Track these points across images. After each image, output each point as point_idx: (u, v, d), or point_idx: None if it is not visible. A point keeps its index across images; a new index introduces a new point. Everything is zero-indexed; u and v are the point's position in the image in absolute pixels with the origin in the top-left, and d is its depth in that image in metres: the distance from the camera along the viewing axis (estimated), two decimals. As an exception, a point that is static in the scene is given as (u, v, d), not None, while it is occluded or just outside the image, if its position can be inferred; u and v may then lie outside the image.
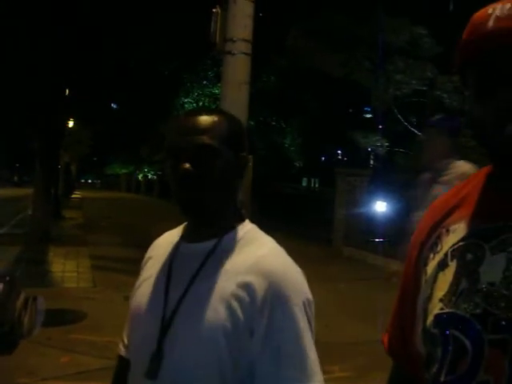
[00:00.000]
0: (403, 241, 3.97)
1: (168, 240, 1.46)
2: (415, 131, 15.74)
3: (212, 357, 1.21)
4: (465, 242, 0.97)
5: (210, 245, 1.32)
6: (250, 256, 1.28)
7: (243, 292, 1.22)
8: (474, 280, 0.92)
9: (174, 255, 1.38)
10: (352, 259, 12.34)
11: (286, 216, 17.05)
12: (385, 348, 1.23)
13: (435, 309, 0.96)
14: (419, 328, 1.02)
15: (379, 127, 17.93)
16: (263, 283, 1.22)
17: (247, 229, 1.37)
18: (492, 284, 0.89)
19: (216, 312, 1.22)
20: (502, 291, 0.88)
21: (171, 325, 1.27)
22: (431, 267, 1.02)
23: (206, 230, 1.34)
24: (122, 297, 7.19)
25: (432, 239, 1.05)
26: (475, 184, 1.06)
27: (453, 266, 0.97)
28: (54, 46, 12.40)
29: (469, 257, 0.95)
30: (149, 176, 46.85)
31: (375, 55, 14.47)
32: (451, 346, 0.90)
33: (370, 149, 17.69)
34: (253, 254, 1.29)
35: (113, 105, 38.50)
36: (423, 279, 1.04)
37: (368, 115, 22.55)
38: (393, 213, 13.23)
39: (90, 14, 12.93)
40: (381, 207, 13.57)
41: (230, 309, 1.22)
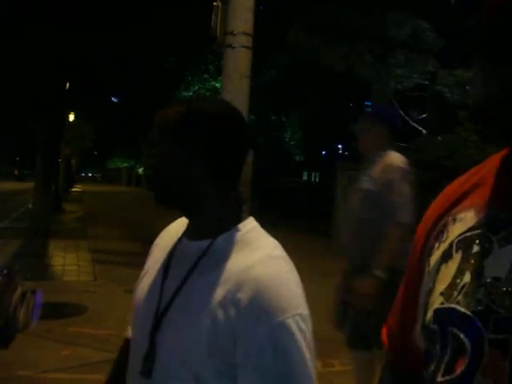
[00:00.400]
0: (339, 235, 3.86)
1: (176, 229, 1.41)
2: (416, 126, 15.72)
3: (193, 362, 1.16)
4: (472, 233, 0.89)
5: (204, 245, 1.26)
6: (242, 262, 1.19)
7: (229, 302, 1.14)
8: (478, 274, 0.84)
9: (174, 250, 1.34)
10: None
11: (287, 210, 17.06)
12: (383, 341, 1.16)
13: (435, 303, 0.89)
14: (419, 323, 0.96)
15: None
16: (249, 294, 1.13)
17: (245, 230, 1.27)
18: (497, 279, 0.82)
19: (199, 322, 1.16)
20: (508, 287, 0.80)
21: (162, 322, 1.24)
22: (435, 258, 0.95)
23: (200, 229, 1.29)
24: (123, 290, 7.21)
25: (438, 228, 0.98)
26: (488, 170, 0.98)
27: (457, 258, 0.89)
28: (55, 41, 12.37)
29: (475, 249, 0.87)
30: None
31: (377, 49, 14.43)
32: (450, 344, 0.84)
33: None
34: (244, 260, 1.19)
35: (113, 99, 38.47)
36: (426, 271, 0.97)
37: (369, 109, 22.51)
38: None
39: (90, 9, 12.90)
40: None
41: (215, 318, 1.14)
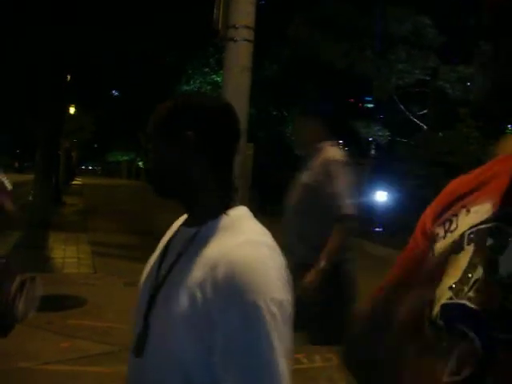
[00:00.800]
0: None
1: (180, 221, 1.47)
2: (417, 121, 15.71)
3: (175, 342, 1.20)
4: (487, 225, 0.84)
5: (193, 231, 1.31)
6: (223, 245, 1.23)
7: (206, 283, 1.17)
8: (492, 269, 0.79)
9: (173, 238, 1.40)
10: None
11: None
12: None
13: (443, 297, 0.84)
14: (425, 314, 0.89)
15: (380, 117, 17.89)
16: (224, 276, 1.16)
17: (233, 216, 1.31)
18: None
19: (179, 300, 1.20)
20: None
21: (154, 305, 1.29)
22: (441, 247, 0.90)
23: (193, 217, 1.36)
24: (122, 283, 7.24)
25: (446, 215, 0.93)
26: (500, 162, 0.94)
27: (469, 251, 0.84)
28: (55, 38, 12.36)
29: (489, 242, 0.81)
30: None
31: (377, 45, 14.42)
32: (457, 343, 0.78)
33: (371, 138, 17.66)
34: (225, 244, 1.23)
35: (114, 92, 38.41)
36: (430, 259, 0.92)
37: (369, 105, 22.48)
38: (393, 202, 13.25)
39: (90, 8, 12.88)
40: (381, 197, 13.59)
41: (193, 299, 1.18)
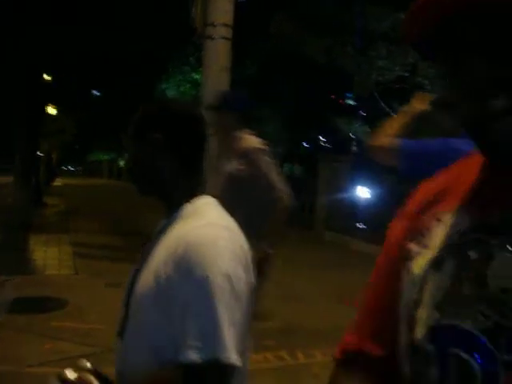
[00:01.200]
0: None
1: None
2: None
3: (145, 321, 1.38)
4: (465, 237, 0.79)
5: (164, 223, 1.50)
6: (184, 228, 1.39)
7: (169, 263, 1.32)
8: (481, 285, 0.74)
9: (156, 231, 1.55)
10: (334, 244, 12.41)
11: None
12: (337, 355, 1.03)
13: (429, 319, 0.78)
14: (402, 338, 0.85)
15: (361, 113, 17.97)
16: (182, 254, 1.31)
17: (197, 204, 1.48)
18: (505, 290, 0.72)
19: (148, 283, 1.36)
20: None
21: (131, 292, 1.46)
22: (419, 264, 0.84)
23: (167, 210, 1.53)
24: (104, 284, 7.18)
25: (418, 229, 0.88)
26: (472, 166, 0.89)
27: (450, 266, 0.79)
28: (31, 33, 12.23)
29: (472, 255, 0.77)
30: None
31: (358, 41, 14.46)
32: (453, 369, 0.74)
33: (352, 135, 17.72)
34: (186, 227, 1.39)
35: (95, 92, 38.15)
36: (407, 278, 0.86)
37: (350, 101, 22.56)
38: (374, 198, 13.31)
39: (67, 9, 12.77)
40: (362, 193, 13.65)
41: (158, 279, 1.34)
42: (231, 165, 3.75)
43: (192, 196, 1.50)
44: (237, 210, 3.63)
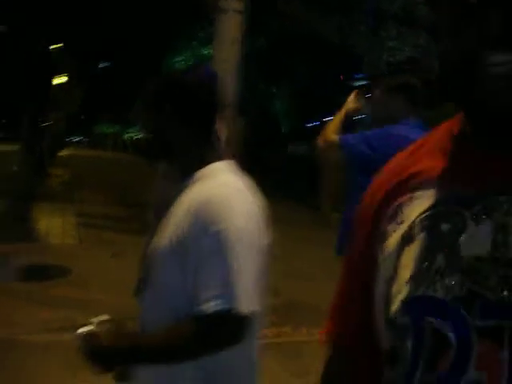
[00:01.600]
0: None
1: None
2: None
3: (161, 277, 1.48)
4: (437, 210, 0.81)
5: (178, 186, 1.57)
6: (199, 189, 1.48)
7: (186, 220, 1.42)
8: (454, 255, 0.75)
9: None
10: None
11: (275, 182, 17.10)
12: (325, 335, 1.04)
13: (402, 292, 0.79)
14: (380, 316, 0.85)
15: (369, 95, 17.85)
16: (199, 212, 1.40)
17: (211, 168, 1.55)
18: (478, 258, 0.74)
19: (165, 243, 1.46)
20: (493, 267, 0.72)
21: (151, 251, 1.54)
22: (392, 242, 0.85)
23: (178, 174, 1.60)
24: (108, 254, 7.21)
25: (391, 209, 0.88)
26: (437, 142, 0.90)
27: (422, 240, 0.80)
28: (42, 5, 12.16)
29: (444, 227, 0.78)
30: (136, 136, 46.53)
31: (370, 21, 14.32)
32: (428, 338, 0.75)
33: (359, 116, 17.63)
34: (201, 187, 1.48)
35: (103, 63, 38.00)
36: (380, 258, 0.87)
37: (359, 82, 22.41)
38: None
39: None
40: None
41: (176, 234, 1.43)
42: None
43: (205, 162, 1.56)
44: None
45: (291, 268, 7.07)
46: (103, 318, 1.54)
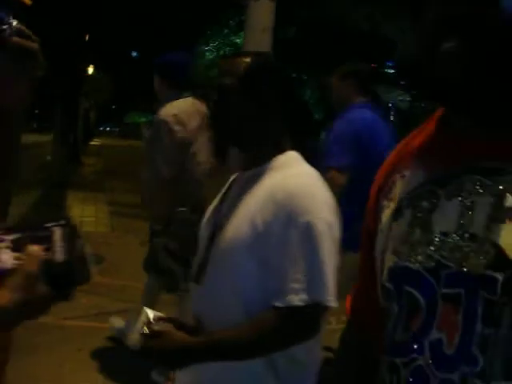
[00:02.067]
0: None
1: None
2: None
3: (233, 266, 1.41)
4: (420, 189, 0.89)
5: (251, 173, 1.52)
6: (277, 178, 1.44)
7: (267, 209, 1.37)
8: (427, 230, 0.85)
9: (232, 182, 1.62)
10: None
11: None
12: (346, 310, 1.15)
13: (389, 262, 0.90)
14: (378, 283, 0.95)
15: (401, 82, 17.67)
16: (284, 202, 1.36)
17: (285, 158, 1.50)
18: (445, 234, 0.82)
19: (242, 228, 1.40)
20: (457, 241, 0.80)
21: (214, 239, 1.50)
22: (386, 216, 0.95)
23: (251, 161, 1.55)
24: (138, 242, 7.27)
25: (388, 186, 0.98)
26: (428, 127, 0.98)
27: (407, 215, 0.89)
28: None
29: (424, 204, 0.87)
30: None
31: (402, 8, 14.14)
32: (405, 302, 0.85)
33: (391, 104, 17.48)
34: (280, 176, 1.44)
35: (133, 53, 38.19)
36: (379, 228, 0.97)
37: (390, 70, 22.17)
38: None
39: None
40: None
41: (255, 225, 1.37)
42: (149, 130, 3.89)
43: (280, 150, 1.52)
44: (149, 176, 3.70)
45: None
46: (156, 315, 1.47)
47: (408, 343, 0.83)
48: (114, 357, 4.04)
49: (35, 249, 0.92)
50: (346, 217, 3.39)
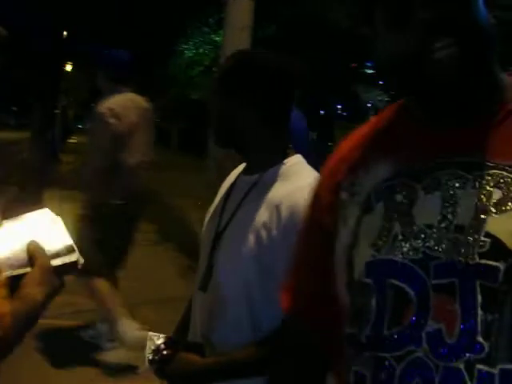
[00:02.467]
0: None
1: (238, 170, 1.63)
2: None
3: (240, 277, 1.40)
4: (391, 182, 0.90)
5: (255, 178, 1.48)
6: (284, 189, 1.41)
7: (272, 223, 1.36)
8: (409, 223, 0.86)
9: (233, 185, 1.57)
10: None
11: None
12: (284, 309, 1.12)
13: (365, 256, 0.89)
14: (342, 279, 0.94)
15: (380, 82, 17.81)
16: (291, 217, 1.34)
17: (290, 164, 1.47)
18: (429, 226, 0.84)
19: (247, 240, 1.39)
20: (443, 233, 0.82)
21: (217, 245, 1.48)
22: (351, 211, 0.94)
23: (253, 165, 1.51)
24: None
25: (348, 179, 0.97)
26: (389, 120, 1.00)
27: (380, 209, 0.89)
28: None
29: (399, 198, 0.88)
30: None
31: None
32: (390, 296, 0.84)
33: (370, 103, 17.60)
34: (286, 188, 1.41)
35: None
36: (340, 224, 0.95)
37: (369, 70, 22.33)
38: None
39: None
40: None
41: (259, 237, 1.37)
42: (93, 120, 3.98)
43: (283, 155, 1.49)
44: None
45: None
46: (162, 339, 1.47)
47: (400, 337, 0.83)
48: (91, 355, 4.03)
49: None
50: None
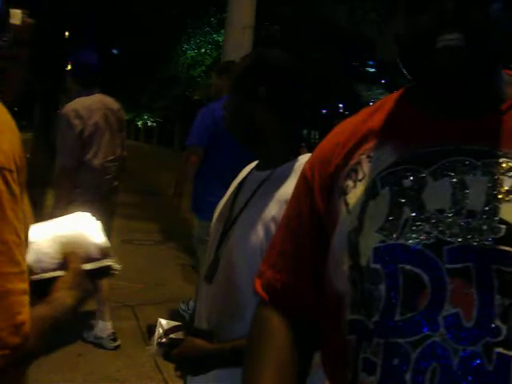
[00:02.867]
0: None
1: (250, 166, 1.66)
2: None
3: (247, 268, 1.40)
4: (396, 168, 0.91)
5: (266, 174, 1.51)
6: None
7: (280, 215, 1.30)
8: (419, 208, 0.86)
9: (244, 180, 1.60)
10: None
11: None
12: (262, 295, 1.12)
13: (372, 242, 0.87)
14: (341, 266, 0.92)
15: (382, 81, 17.81)
16: None
17: (303, 161, 1.42)
18: (441, 211, 0.84)
19: (256, 233, 1.41)
20: (455, 218, 0.83)
21: (225, 239, 1.50)
22: (354, 196, 0.94)
23: (265, 161, 1.55)
24: (120, 240, 7.22)
25: (349, 167, 0.98)
26: (390, 108, 1.02)
27: (386, 194, 0.89)
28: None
29: (406, 183, 0.88)
30: (148, 123, 46.54)
31: (380, 8, 14.23)
32: (403, 281, 0.83)
33: (372, 102, 17.60)
34: None
35: (113, 50, 37.91)
36: (344, 210, 0.95)
37: (371, 69, 22.34)
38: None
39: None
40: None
41: (268, 231, 1.38)
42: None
43: (296, 153, 1.52)
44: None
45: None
46: (171, 324, 1.50)
47: (415, 322, 0.82)
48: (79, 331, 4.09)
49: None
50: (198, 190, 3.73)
